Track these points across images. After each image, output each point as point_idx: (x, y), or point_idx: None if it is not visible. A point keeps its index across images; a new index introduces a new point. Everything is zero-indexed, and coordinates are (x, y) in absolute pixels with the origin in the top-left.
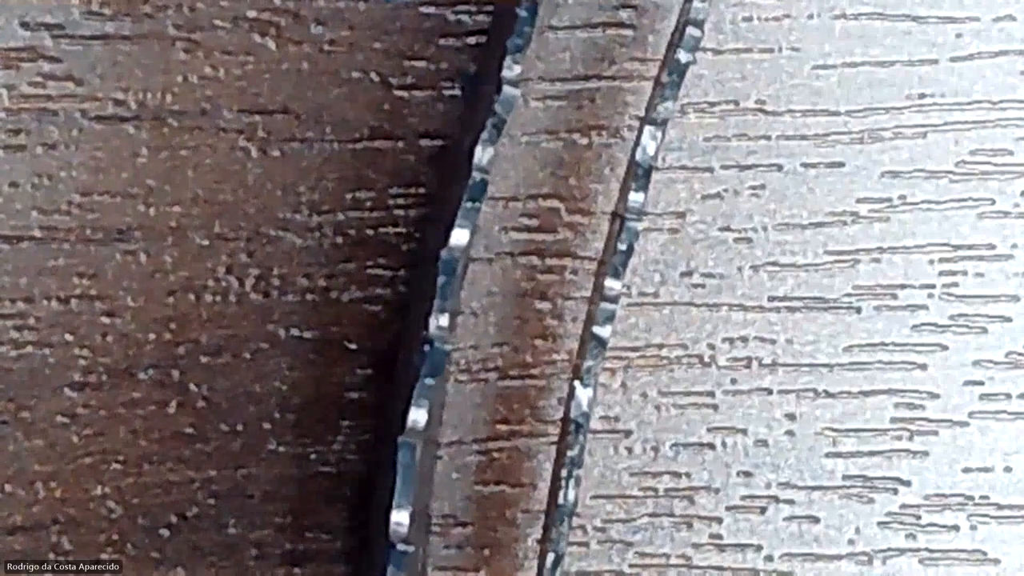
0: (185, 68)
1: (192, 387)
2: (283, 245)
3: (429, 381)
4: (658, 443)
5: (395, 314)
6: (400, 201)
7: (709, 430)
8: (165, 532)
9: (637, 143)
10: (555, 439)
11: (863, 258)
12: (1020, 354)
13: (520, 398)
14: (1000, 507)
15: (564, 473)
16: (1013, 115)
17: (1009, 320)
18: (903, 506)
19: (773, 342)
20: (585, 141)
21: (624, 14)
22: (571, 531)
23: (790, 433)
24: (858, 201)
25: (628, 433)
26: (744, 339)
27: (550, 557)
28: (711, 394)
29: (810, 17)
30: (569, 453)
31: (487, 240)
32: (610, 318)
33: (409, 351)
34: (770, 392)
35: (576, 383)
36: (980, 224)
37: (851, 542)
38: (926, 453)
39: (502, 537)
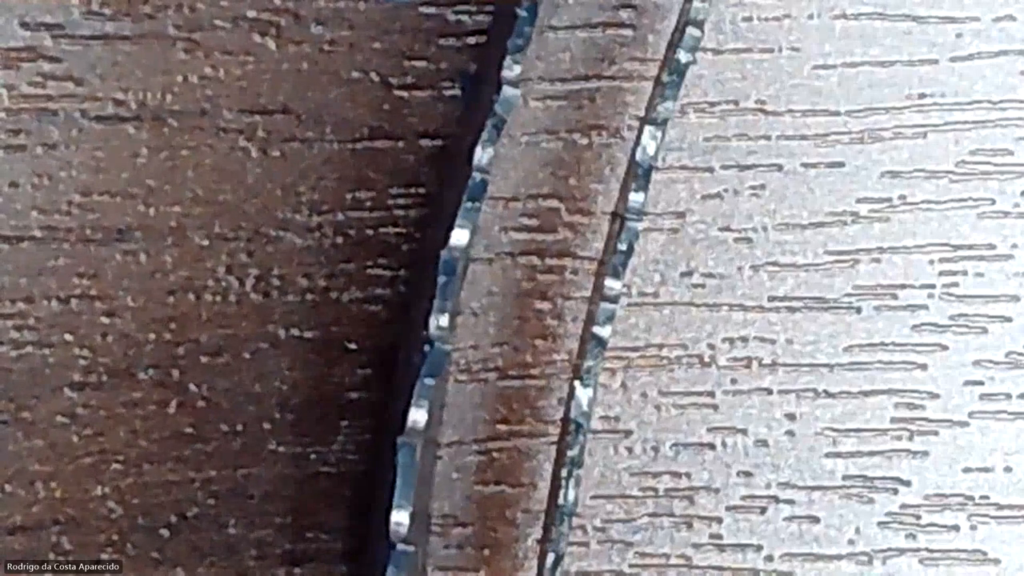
0: (185, 68)
1: (192, 387)
2: (283, 245)
3: (429, 381)
4: (658, 443)
5: (395, 314)
6: (400, 201)
7: (709, 430)
8: (165, 532)
9: (637, 143)
10: (555, 439)
11: (863, 258)
12: (1020, 354)
13: (520, 398)
14: (1000, 507)
15: (564, 473)
16: (1013, 115)
17: (1009, 320)
18: (903, 506)
19: (773, 342)
20: (585, 141)
21: (624, 14)
22: (571, 531)
23: (790, 433)
24: (858, 201)
25: (628, 433)
26: (744, 339)
27: (550, 557)
28: (711, 394)
29: (810, 17)
30: (569, 453)
31: (487, 240)
32: (610, 318)
33: (409, 351)
34: (770, 392)
35: (576, 383)
36: (980, 224)
37: (851, 542)
38: (926, 453)
39: (502, 537)
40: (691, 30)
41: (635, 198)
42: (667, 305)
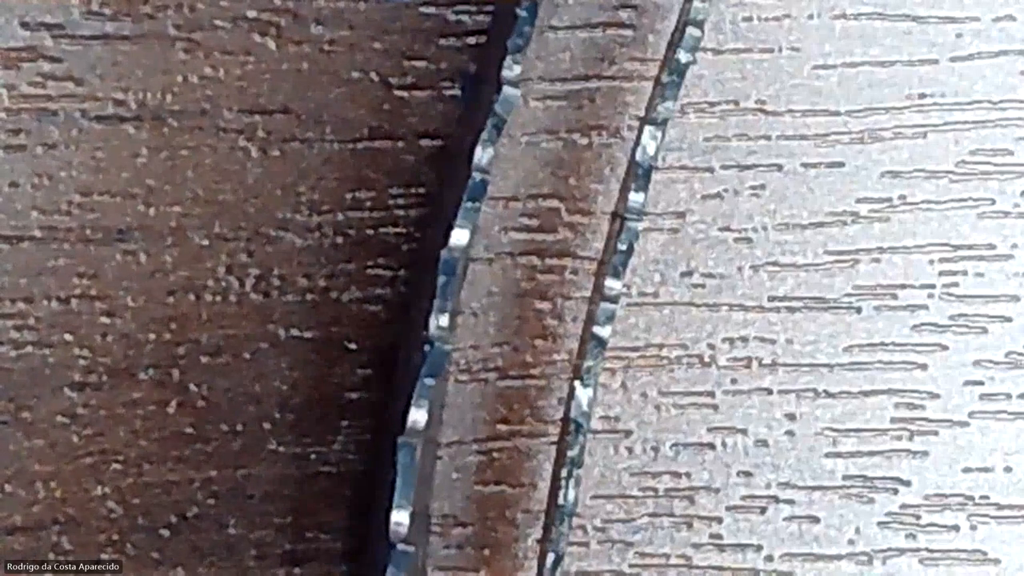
0: (185, 68)
1: (192, 387)
2: (283, 245)
3: (429, 381)
4: (658, 443)
5: (395, 314)
6: (400, 201)
7: (709, 430)
8: (165, 532)
9: (637, 143)
10: (555, 439)
11: (863, 258)
12: (1020, 354)
13: (520, 398)
14: (1000, 507)
15: (564, 473)
16: (1013, 115)
17: (1009, 320)
18: (903, 506)
19: (773, 342)
20: (585, 141)
21: (624, 14)
22: (571, 531)
23: (790, 433)
24: (858, 201)
25: (628, 433)
26: (744, 339)
27: (550, 557)
28: (711, 394)
29: (810, 17)
30: (569, 453)
31: (487, 240)
32: (610, 318)
33: (409, 351)
34: (770, 392)
35: (576, 383)
36: (980, 224)
37: (851, 542)
38: (926, 453)
39: (502, 537)
40: (691, 30)
41: (635, 198)
42: (667, 305)
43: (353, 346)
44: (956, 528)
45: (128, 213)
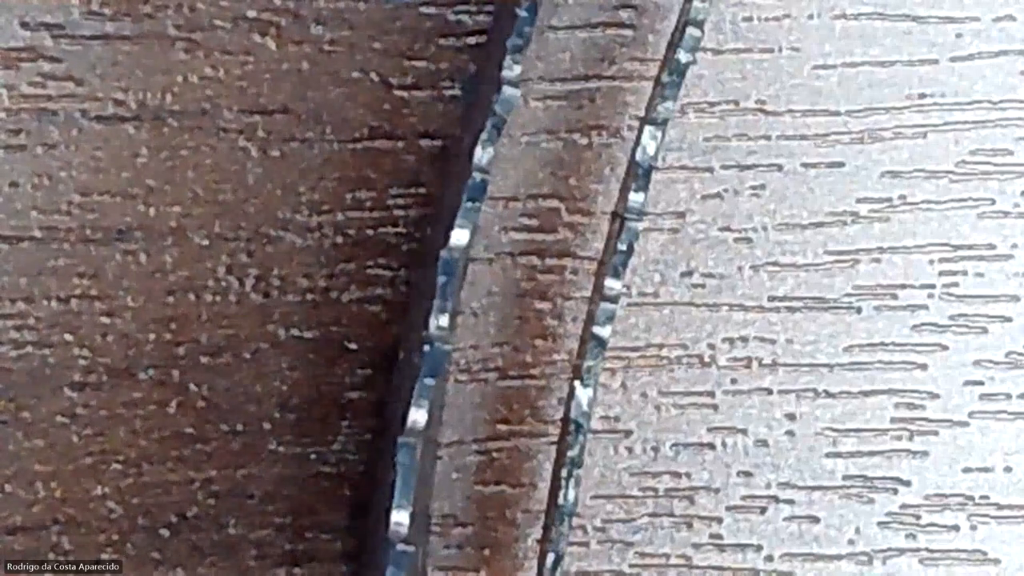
0: (185, 68)
1: (192, 387)
2: (283, 245)
3: (429, 381)
4: (658, 443)
5: (395, 314)
6: (400, 201)
7: (709, 430)
8: (165, 532)
9: (637, 143)
10: (555, 439)
11: (863, 258)
12: (1020, 354)
13: (520, 398)
14: (1000, 507)
15: (564, 473)
16: (1013, 115)
17: (1009, 320)
18: (903, 506)
19: (773, 342)
20: (585, 141)
21: (624, 14)
22: (571, 531)
23: (790, 433)
24: (858, 201)
25: (628, 433)
26: (744, 339)
27: (550, 557)
28: (711, 394)
29: (810, 17)
30: (569, 453)
31: (487, 240)
32: (610, 318)
33: (409, 351)
34: (770, 392)
35: (576, 383)
36: (980, 224)
37: (851, 542)
38: (926, 453)
39: (502, 537)
40: (691, 30)
41: (635, 198)
42: (667, 305)
43: (353, 346)
44: (956, 528)
45: (128, 213)
